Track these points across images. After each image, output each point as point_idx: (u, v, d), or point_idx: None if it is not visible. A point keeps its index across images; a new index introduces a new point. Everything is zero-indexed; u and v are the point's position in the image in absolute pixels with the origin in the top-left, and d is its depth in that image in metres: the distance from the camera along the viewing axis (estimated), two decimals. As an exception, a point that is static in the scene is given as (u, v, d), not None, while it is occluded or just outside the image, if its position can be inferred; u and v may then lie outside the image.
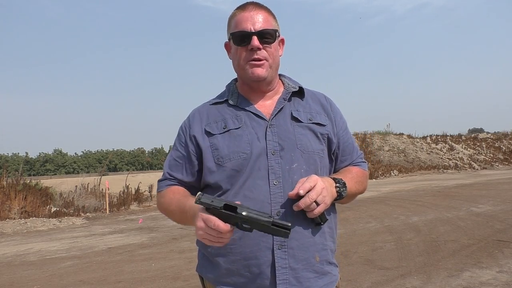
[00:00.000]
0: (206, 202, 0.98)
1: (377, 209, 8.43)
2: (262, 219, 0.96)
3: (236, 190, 1.15)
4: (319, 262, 1.15)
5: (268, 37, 1.20)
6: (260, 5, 1.24)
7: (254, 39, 1.18)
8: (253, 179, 1.15)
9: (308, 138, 1.20)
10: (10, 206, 9.76)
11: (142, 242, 6.51)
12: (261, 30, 1.18)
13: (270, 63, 1.22)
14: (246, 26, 1.19)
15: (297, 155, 1.17)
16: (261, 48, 1.19)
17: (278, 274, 1.10)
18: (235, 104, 1.26)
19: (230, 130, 1.21)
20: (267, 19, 1.22)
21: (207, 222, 0.98)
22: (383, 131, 26.16)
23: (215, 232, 0.98)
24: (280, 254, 1.11)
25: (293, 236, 1.11)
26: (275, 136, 1.19)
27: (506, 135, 28.98)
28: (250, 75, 1.21)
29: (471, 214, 7.10)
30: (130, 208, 11.85)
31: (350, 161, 1.31)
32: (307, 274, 1.13)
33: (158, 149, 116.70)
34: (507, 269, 3.92)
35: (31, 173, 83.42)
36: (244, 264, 1.13)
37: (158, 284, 4.14)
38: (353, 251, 4.95)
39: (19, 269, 5.10)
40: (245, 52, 1.20)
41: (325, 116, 1.27)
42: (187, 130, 1.28)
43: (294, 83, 1.31)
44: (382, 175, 19.29)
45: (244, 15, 1.20)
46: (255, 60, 1.20)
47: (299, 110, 1.25)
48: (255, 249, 1.11)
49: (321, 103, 1.30)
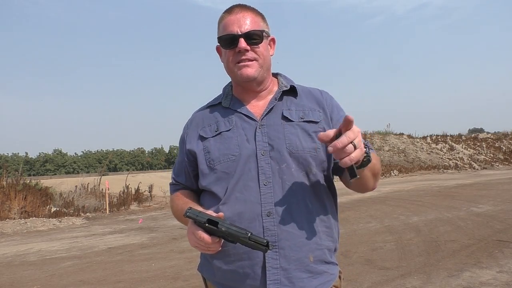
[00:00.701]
0: (192, 216, 1.06)
1: (377, 209, 8.42)
2: (239, 235, 1.02)
3: (228, 192, 1.16)
4: (313, 262, 1.14)
5: (256, 38, 1.20)
6: (246, 6, 1.24)
7: (241, 41, 1.18)
8: (244, 180, 1.15)
9: (299, 137, 1.19)
10: (10, 206, 9.77)
11: (142, 242, 6.52)
12: (248, 32, 1.19)
13: (260, 63, 1.22)
14: (233, 29, 1.19)
15: (286, 155, 1.16)
16: (248, 49, 1.19)
17: (269, 275, 1.10)
18: (227, 106, 1.27)
19: (222, 133, 1.22)
20: (254, 20, 1.22)
21: (195, 234, 1.06)
22: (383, 131, 26.19)
23: (202, 243, 1.06)
24: (271, 255, 1.11)
25: (285, 236, 1.12)
26: (265, 137, 1.18)
27: (506, 135, 28.99)
28: (239, 77, 1.21)
29: (471, 214, 7.10)
30: (130, 208, 11.85)
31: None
32: (300, 274, 1.12)
33: (158, 149, 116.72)
34: (507, 269, 3.91)
35: (31, 173, 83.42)
36: (238, 265, 1.14)
37: (158, 284, 4.14)
38: (353, 251, 4.95)
39: (19, 269, 5.11)
40: (233, 54, 1.21)
41: (320, 112, 1.25)
42: (185, 136, 1.32)
43: (287, 82, 1.31)
44: (382, 175, 19.29)
45: (230, 18, 1.21)
46: (243, 61, 1.20)
47: (291, 109, 1.24)
48: (247, 250, 1.12)
49: (316, 99, 1.28)
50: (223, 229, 1.02)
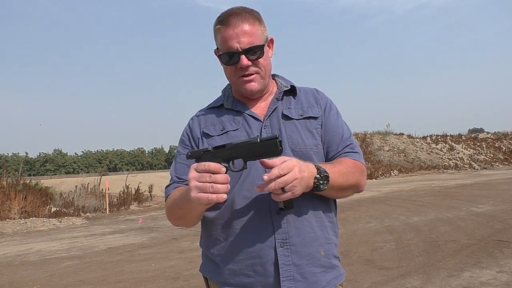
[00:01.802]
0: (196, 151, 1.05)
1: (377, 209, 8.42)
2: (250, 141, 1.01)
3: (234, 190, 1.16)
4: (324, 256, 1.16)
5: (256, 52, 1.18)
6: (242, 15, 1.17)
7: (243, 59, 1.16)
8: (252, 178, 1.15)
9: (300, 134, 1.20)
10: (10, 206, 9.77)
11: (142, 242, 6.52)
12: (248, 48, 1.16)
13: (262, 75, 1.22)
14: (232, 45, 1.15)
15: (289, 154, 1.17)
16: (250, 65, 1.19)
17: (282, 272, 1.11)
18: (230, 107, 1.27)
19: (228, 132, 1.22)
20: (252, 31, 1.17)
21: (198, 166, 0.98)
22: (383, 131, 26.17)
23: (207, 176, 0.97)
24: (282, 252, 1.11)
25: (295, 232, 1.12)
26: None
27: (506, 135, 28.95)
28: (243, 90, 1.22)
29: (471, 214, 7.10)
30: (130, 208, 11.86)
31: (336, 152, 1.23)
32: (313, 269, 1.13)
33: (158, 149, 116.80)
34: (507, 269, 3.91)
35: (31, 173, 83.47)
36: (247, 264, 1.13)
37: (158, 284, 4.14)
38: (353, 251, 4.95)
39: (19, 269, 5.11)
40: (235, 70, 1.20)
41: (318, 108, 1.26)
42: (189, 134, 1.30)
43: (286, 82, 1.32)
44: (382, 175, 19.30)
45: (228, 32, 1.16)
46: (246, 76, 1.20)
47: (290, 107, 1.25)
48: (257, 248, 1.12)
49: (314, 96, 1.30)
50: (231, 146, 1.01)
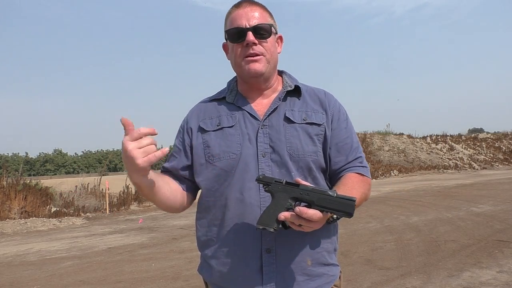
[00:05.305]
0: (268, 178, 1.05)
1: (377, 209, 8.42)
2: (325, 191, 0.97)
3: (224, 189, 1.15)
4: (311, 265, 1.13)
5: (264, 32, 1.18)
6: (254, 2, 1.23)
7: (249, 35, 1.16)
8: (243, 181, 1.13)
9: (300, 139, 1.16)
10: (10, 206, 9.76)
11: (142, 242, 6.51)
12: (256, 25, 1.17)
13: (267, 58, 1.20)
14: (241, 23, 1.17)
15: (286, 159, 1.14)
16: (256, 43, 1.17)
17: (265, 278, 1.10)
18: (232, 101, 1.25)
19: (224, 128, 1.20)
20: (262, 14, 1.20)
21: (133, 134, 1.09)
22: (383, 131, 26.17)
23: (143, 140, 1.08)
24: (268, 258, 1.10)
25: (283, 241, 1.11)
26: (266, 138, 1.17)
27: (506, 135, 28.93)
28: (247, 71, 1.19)
29: (471, 214, 7.10)
30: (130, 208, 11.85)
31: (345, 163, 1.20)
32: (297, 277, 1.12)
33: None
34: (507, 269, 3.91)
35: (31, 173, 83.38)
36: (233, 268, 1.13)
37: (158, 284, 4.14)
38: (353, 251, 4.95)
39: (19, 269, 5.10)
40: (241, 48, 1.19)
41: (323, 114, 1.22)
42: (184, 125, 1.28)
43: (292, 81, 1.28)
44: (382, 175, 19.29)
45: (238, 12, 1.19)
46: (251, 55, 1.18)
47: (293, 109, 1.21)
48: (244, 253, 1.11)
49: (320, 100, 1.25)
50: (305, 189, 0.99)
